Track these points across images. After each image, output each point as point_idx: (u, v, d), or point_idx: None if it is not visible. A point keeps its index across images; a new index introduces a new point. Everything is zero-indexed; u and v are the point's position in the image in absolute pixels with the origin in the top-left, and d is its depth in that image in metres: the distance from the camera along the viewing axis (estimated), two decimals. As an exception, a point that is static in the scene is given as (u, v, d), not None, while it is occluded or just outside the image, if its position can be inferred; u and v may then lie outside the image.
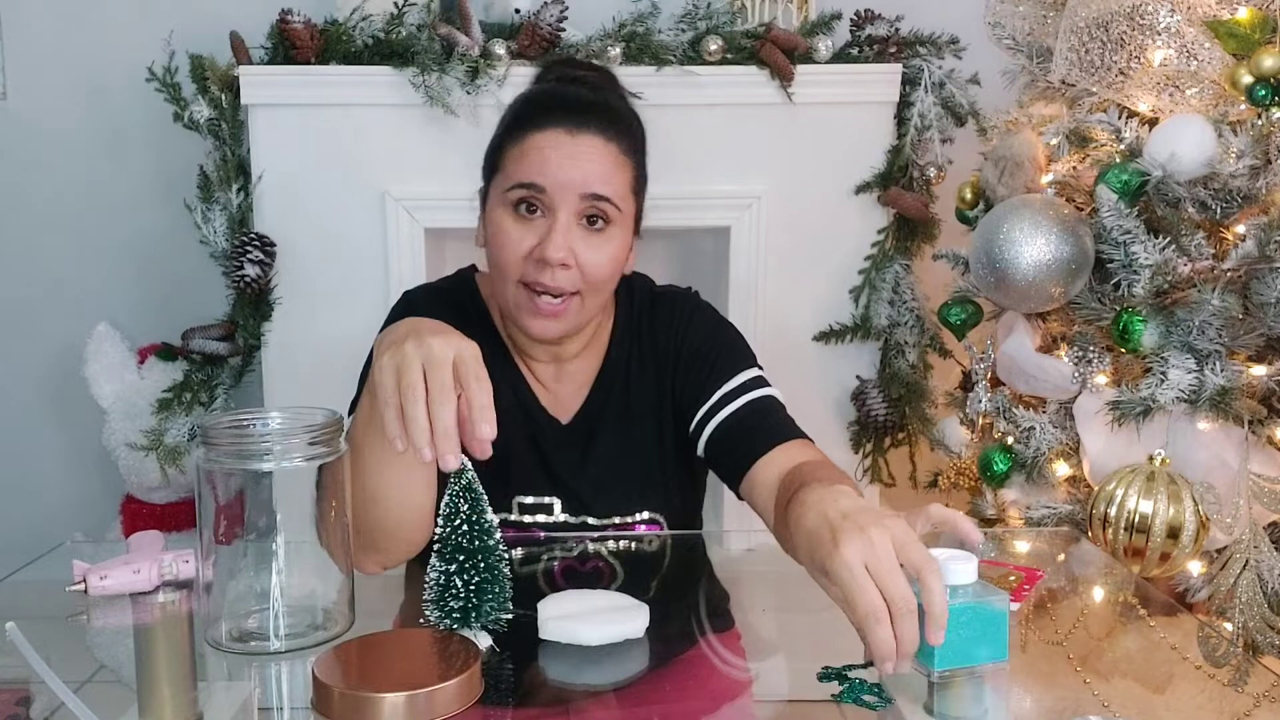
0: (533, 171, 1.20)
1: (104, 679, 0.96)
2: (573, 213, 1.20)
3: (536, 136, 1.22)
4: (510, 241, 1.21)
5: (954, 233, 2.20)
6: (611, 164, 1.22)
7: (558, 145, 1.21)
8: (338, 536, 1.01)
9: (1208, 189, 1.73)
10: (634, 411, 1.35)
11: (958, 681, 0.90)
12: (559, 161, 1.20)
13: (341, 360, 1.47)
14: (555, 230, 1.19)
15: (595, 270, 1.22)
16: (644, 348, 1.35)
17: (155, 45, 2.16)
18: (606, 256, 1.23)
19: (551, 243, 1.19)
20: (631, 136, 1.27)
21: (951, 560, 0.91)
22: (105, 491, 2.45)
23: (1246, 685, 0.97)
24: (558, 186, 1.20)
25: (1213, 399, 1.67)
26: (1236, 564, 1.67)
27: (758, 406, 1.29)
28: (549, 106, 1.25)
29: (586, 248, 1.21)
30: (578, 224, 1.21)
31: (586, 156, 1.21)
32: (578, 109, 1.23)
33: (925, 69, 2.16)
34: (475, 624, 0.95)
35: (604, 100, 1.27)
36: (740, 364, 1.33)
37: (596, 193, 1.20)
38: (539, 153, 1.21)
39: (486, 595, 0.94)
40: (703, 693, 0.95)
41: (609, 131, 1.23)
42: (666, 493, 1.36)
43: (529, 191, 1.20)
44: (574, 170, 1.20)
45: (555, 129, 1.21)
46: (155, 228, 2.42)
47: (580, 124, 1.22)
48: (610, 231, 1.23)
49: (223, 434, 0.99)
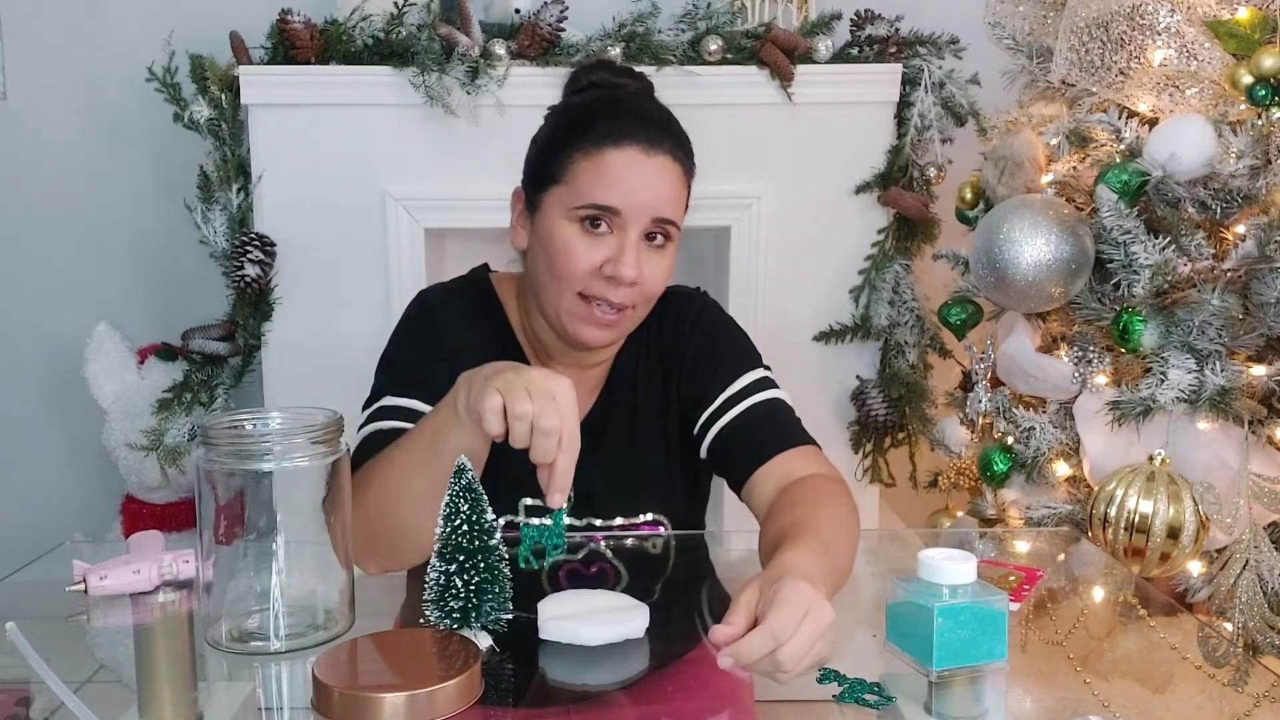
0: (611, 194, 1.20)
1: (104, 679, 0.96)
2: (640, 232, 1.21)
3: (613, 155, 1.20)
4: (578, 257, 1.21)
5: (954, 233, 2.20)
6: (679, 186, 1.25)
7: (633, 165, 1.21)
8: (342, 535, 1.01)
9: (1208, 189, 1.73)
10: (641, 413, 1.35)
11: (958, 681, 0.90)
12: (635, 184, 1.20)
13: (342, 360, 1.48)
14: (628, 250, 1.20)
15: (653, 286, 1.24)
16: (651, 348, 1.36)
17: (155, 45, 2.16)
18: (662, 272, 1.25)
19: (625, 262, 1.20)
20: (691, 157, 1.28)
21: (951, 560, 0.91)
22: (105, 491, 2.44)
23: (1246, 685, 0.98)
24: (633, 208, 1.20)
25: (1213, 399, 1.67)
26: (1236, 564, 1.67)
27: (761, 410, 1.28)
28: (624, 123, 1.23)
29: (648, 264, 1.22)
30: (642, 241, 1.22)
31: (661, 179, 1.22)
32: (653, 127, 1.24)
33: (925, 69, 2.16)
34: (475, 624, 0.95)
35: (670, 118, 1.28)
36: (745, 365, 1.33)
37: (665, 217, 1.22)
38: (616, 174, 1.20)
39: (486, 595, 0.94)
40: (703, 693, 0.95)
41: (678, 152, 1.24)
42: (671, 494, 1.36)
43: (602, 212, 1.20)
44: (649, 194, 1.21)
45: (631, 148, 1.21)
46: (155, 228, 2.42)
47: (655, 143, 1.22)
48: (669, 248, 1.25)
49: (223, 434, 0.99)
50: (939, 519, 2.10)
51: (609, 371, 1.35)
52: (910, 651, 0.92)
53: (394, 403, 1.23)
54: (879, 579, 1.26)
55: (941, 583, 0.90)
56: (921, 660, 0.90)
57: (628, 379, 1.35)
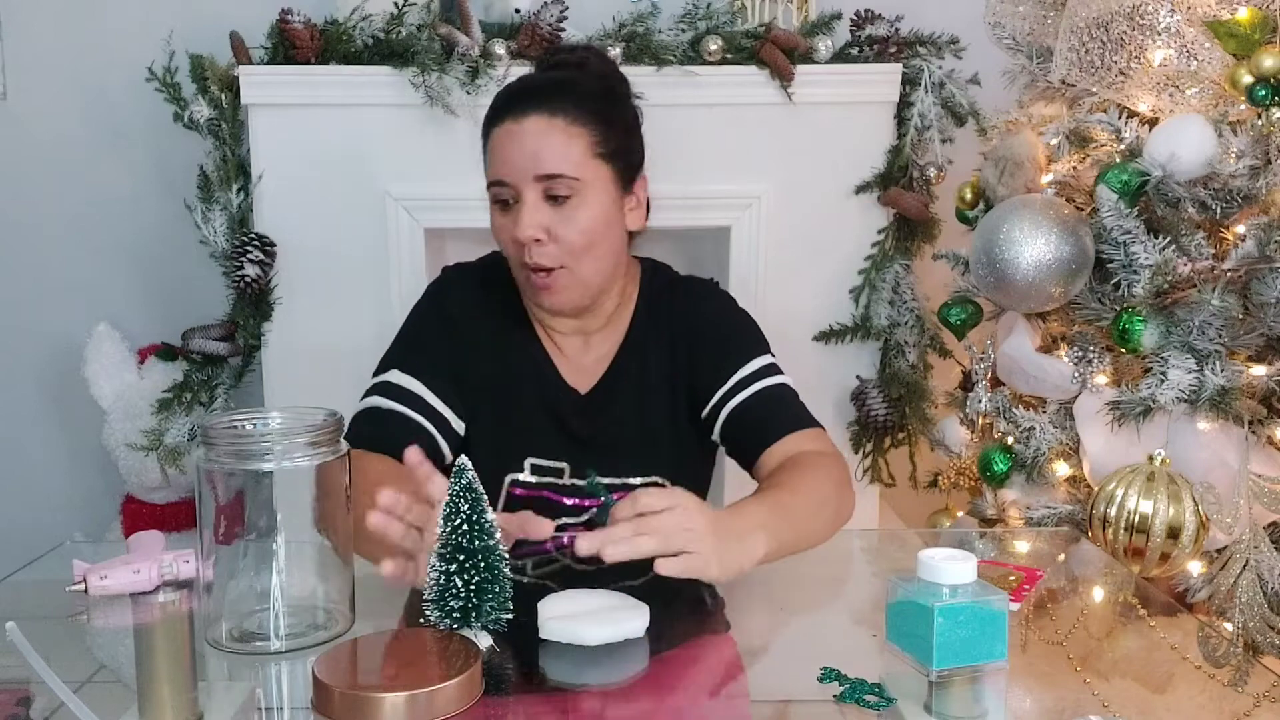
0: (496, 169, 1.29)
1: (104, 679, 0.96)
2: (537, 194, 1.27)
3: (494, 133, 1.30)
4: (500, 233, 1.32)
5: (954, 233, 2.20)
6: (559, 138, 1.27)
7: (508, 136, 1.28)
8: (342, 535, 1.01)
9: (1208, 189, 1.73)
10: (649, 384, 1.39)
11: (958, 681, 0.90)
12: (509, 151, 1.28)
13: (342, 360, 1.48)
14: (522, 212, 1.27)
15: (571, 240, 1.28)
16: (662, 327, 1.41)
17: (155, 45, 2.15)
18: (578, 227, 1.28)
19: (519, 225, 1.27)
20: (580, 103, 1.30)
21: (951, 560, 0.91)
22: (105, 491, 2.44)
23: (1246, 685, 0.98)
24: (515, 175, 1.27)
25: (1213, 399, 1.67)
26: (1236, 564, 1.67)
27: (770, 394, 1.35)
28: (500, 101, 1.32)
29: (556, 221, 1.27)
30: (544, 201, 1.27)
31: (531, 140, 1.27)
32: (520, 95, 1.31)
33: (925, 69, 2.16)
34: (475, 624, 0.95)
35: (548, 79, 1.34)
36: (755, 350, 1.39)
37: (547, 172, 1.26)
38: (499, 149, 1.29)
39: (486, 595, 0.94)
40: (703, 693, 0.95)
41: (549, 106, 1.28)
42: (676, 462, 1.40)
43: (499, 188, 1.29)
44: (522, 156, 1.27)
45: (506, 121, 1.29)
46: (155, 228, 2.42)
47: (523, 109, 1.28)
48: (574, 202, 1.28)
49: (223, 434, 0.99)
50: (939, 519, 2.10)
51: (620, 345, 1.41)
52: (910, 651, 0.92)
53: (398, 381, 1.33)
54: (879, 579, 1.27)
55: (941, 583, 0.90)
56: (921, 660, 0.90)
57: (637, 353, 1.40)
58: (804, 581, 1.23)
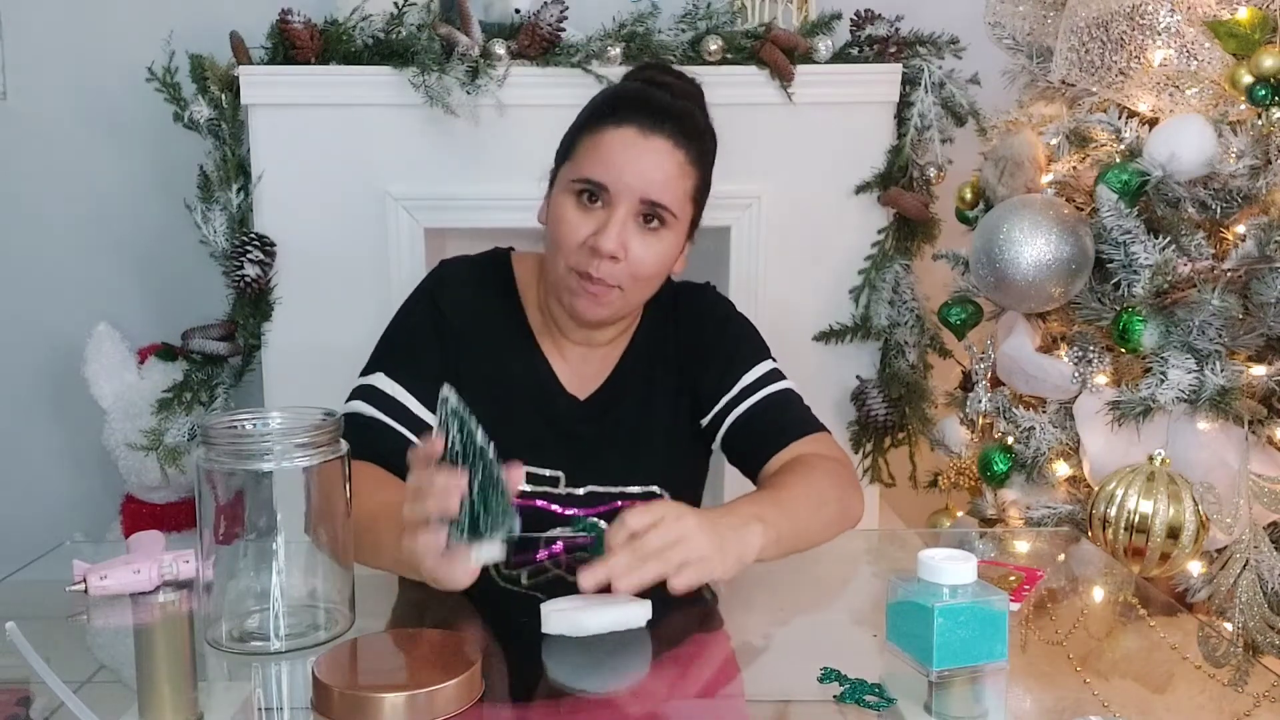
0: (599, 169, 1.24)
1: (104, 679, 0.96)
2: (631, 210, 1.24)
3: (610, 133, 1.25)
4: (569, 227, 1.25)
5: (954, 233, 2.20)
6: (675, 171, 1.25)
7: (627, 145, 1.24)
8: (342, 535, 1.01)
9: (1208, 189, 1.73)
10: (650, 394, 1.38)
11: (958, 681, 0.90)
12: (625, 162, 1.23)
13: (342, 360, 1.48)
14: (612, 223, 1.23)
15: (642, 266, 1.26)
16: (665, 336, 1.40)
17: (155, 45, 2.15)
18: (655, 254, 1.26)
19: (606, 235, 1.23)
20: (701, 147, 1.30)
21: (951, 560, 0.91)
22: (105, 491, 2.44)
23: (1246, 685, 0.98)
24: (619, 185, 1.23)
25: (1213, 399, 1.67)
26: (1236, 564, 1.67)
27: (774, 401, 1.34)
28: (627, 104, 1.28)
29: (639, 243, 1.25)
30: (633, 220, 1.24)
31: (653, 161, 1.24)
32: (654, 111, 1.26)
33: (925, 69, 2.16)
34: (487, 532, 0.93)
35: (682, 107, 1.30)
36: (757, 357, 1.38)
37: (654, 199, 1.24)
38: (609, 151, 1.24)
39: (489, 499, 0.92)
40: (703, 693, 0.95)
41: (678, 138, 1.26)
42: (671, 470, 1.39)
43: (592, 186, 1.24)
44: (638, 174, 1.23)
45: (629, 128, 1.25)
46: (155, 228, 2.42)
47: (653, 127, 1.25)
48: (660, 234, 1.26)
49: (222, 434, 0.99)
50: (939, 519, 2.10)
51: (622, 354, 1.39)
52: (910, 651, 0.92)
53: (383, 387, 1.29)
54: (879, 579, 1.27)
55: (941, 583, 0.90)
56: (921, 660, 0.90)
57: (640, 362, 1.39)
58: (804, 581, 1.23)
